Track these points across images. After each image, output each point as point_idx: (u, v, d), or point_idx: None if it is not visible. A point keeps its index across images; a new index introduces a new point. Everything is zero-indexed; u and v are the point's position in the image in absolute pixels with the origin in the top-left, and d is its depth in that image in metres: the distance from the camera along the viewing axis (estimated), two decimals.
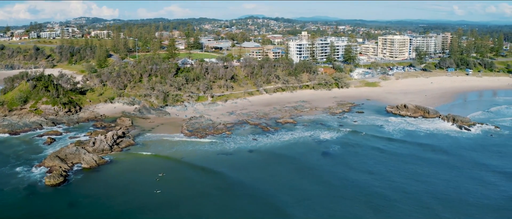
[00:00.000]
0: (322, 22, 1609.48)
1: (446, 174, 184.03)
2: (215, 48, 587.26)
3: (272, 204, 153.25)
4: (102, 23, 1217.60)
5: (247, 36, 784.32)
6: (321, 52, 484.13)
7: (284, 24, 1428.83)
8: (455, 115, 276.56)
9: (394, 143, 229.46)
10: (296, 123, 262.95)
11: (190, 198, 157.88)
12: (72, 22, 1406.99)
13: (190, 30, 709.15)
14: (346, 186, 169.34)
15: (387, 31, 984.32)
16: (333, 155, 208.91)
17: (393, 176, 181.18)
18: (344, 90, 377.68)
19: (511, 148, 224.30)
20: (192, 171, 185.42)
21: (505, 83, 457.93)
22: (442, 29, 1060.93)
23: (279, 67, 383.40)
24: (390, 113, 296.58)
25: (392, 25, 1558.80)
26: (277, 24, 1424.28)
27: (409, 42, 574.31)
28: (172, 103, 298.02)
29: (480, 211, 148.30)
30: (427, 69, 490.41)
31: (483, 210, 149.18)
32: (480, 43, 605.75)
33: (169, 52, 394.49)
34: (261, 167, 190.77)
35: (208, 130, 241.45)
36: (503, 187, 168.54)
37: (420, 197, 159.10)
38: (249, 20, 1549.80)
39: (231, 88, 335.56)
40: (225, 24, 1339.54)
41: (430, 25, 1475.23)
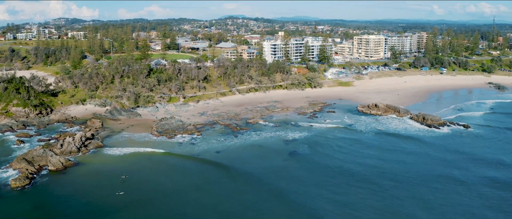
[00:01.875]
0: (302, 22, 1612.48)
1: (406, 171, 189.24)
2: (192, 48, 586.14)
3: (238, 201, 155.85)
4: (81, 24, 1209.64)
5: (224, 36, 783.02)
6: (295, 52, 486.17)
7: (263, 24, 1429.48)
8: (425, 114, 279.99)
9: (361, 143, 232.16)
10: (266, 123, 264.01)
11: (154, 199, 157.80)
12: (51, 23, 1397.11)
13: (167, 30, 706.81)
14: (308, 187, 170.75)
15: (366, 31, 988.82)
16: (300, 155, 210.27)
17: (357, 175, 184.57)
18: (317, 90, 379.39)
19: (474, 147, 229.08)
20: (158, 172, 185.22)
21: (479, 81, 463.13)
22: (421, 28, 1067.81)
23: (253, 67, 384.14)
24: (361, 113, 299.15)
25: (372, 25, 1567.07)
26: (256, 24, 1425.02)
27: (385, 42, 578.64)
28: (143, 104, 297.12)
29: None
30: (402, 68, 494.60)
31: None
32: (456, 42, 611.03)
33: (142, 53, 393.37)
34: (226, 167, 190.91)
35: (177, 131, 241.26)
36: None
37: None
38: (228, 20, 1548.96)
39: (203, 88, 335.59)
40: (205, 25, 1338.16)
41: (409, 25, 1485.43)
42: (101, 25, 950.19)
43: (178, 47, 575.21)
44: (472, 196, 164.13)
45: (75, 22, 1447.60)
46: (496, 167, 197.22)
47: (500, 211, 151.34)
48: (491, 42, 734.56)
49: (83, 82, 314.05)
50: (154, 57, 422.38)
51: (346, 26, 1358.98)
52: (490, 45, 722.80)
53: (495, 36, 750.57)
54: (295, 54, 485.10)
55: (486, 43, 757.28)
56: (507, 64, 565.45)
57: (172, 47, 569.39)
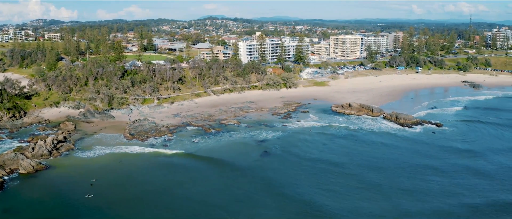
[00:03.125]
0: (282, 22, 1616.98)
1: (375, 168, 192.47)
2: (169, 49, 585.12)
3: (206, 203, 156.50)
4: (59, 25, 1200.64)
5: (202, 37, 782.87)
6: (272, 53, 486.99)
7: (243, 24, 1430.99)
8: (398, 113, 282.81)
9: (334, 142, 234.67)
10: (239, 124, 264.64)
11: (123, 201, 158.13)
12: (29, 24, 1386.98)
13: (144, 31, 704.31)
14: (277, 187, 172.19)
15: (344, 31, 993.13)
16: (271, 155, 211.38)
17: (323, 174, 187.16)
18: (292, 90, 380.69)
19: (445, 141, 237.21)
20: (128, 174, 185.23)
21: (454, 80, 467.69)
22: (399, 28, 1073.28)
23: (228, 68, 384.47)
24: (335, 112, 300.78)
25: (351, 25, 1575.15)
26: (235, 24, 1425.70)
27: (361, 41, 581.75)
28: (117, 106, 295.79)
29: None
30: (377, 67, 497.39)
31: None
32: (432, 41, 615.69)
33: (116, 54, 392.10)
34: (197, 169, 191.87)
35: (150, 133, 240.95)
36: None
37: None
38: (208, 20, 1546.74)
39: (178, 90, 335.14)
40: (184, 25, 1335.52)
41: (388, 24, 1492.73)
42: (78, 27, 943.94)
43: (155, 48, 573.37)
44: (443, 179, 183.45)
45: (53, 23, 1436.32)
46: (467, 157, 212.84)
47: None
48: (467, 41, 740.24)
49: (57, 84, 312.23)
50: (130, 59, 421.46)
51: (326, 26, 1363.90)
52: (466, 44, 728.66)
53: (471, 35, 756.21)
54: (271, 55, 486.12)
55: (462, 42, 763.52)
56: (482, 62, 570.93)
57: (149, 48, 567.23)
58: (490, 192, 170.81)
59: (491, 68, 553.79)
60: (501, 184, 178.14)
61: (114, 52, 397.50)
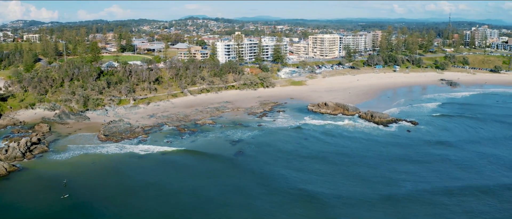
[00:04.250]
0: (263, 22, 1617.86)
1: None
2: (148, 50, 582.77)
3: (178, 203, 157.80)
4: (40, 26, 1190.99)
5: (181, 37, 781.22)
6: (250, 52, 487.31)
7: (224, 24, 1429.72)
8: (373, 112, 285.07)
9: (307, 140, 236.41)
10: (215, 124, 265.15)
11: (97, 202, 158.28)
12: (8, 25, 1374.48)
13: (124, 32, 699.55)
14: (251, 187, 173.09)
15: (324, 30, 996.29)
16: (245, 155, 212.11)
17: (297, 174, 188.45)
18: (270, 89, 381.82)
19: (416, 139, 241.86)
20: (102, 175, 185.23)
21: (431, 78, 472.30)
22: (380, 27, 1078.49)
23: (205, 68, 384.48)
24: (311, 111, 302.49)
25: (332, 24, 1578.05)
26: (217, 24, 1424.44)
27: (339, 41, 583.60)
28: (92, 107, 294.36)
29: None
30: (355, 66, 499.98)
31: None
32: (410, 40, 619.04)
33: (92, 55, 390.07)
34: (170, 169, 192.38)
35: (124, 134, 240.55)
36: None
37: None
38: (189, 20, 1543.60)
39: (154, 90, 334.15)
40: (165, 25, 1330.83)
41: (369, 24, 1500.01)
42: (58, 27, 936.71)
43: (134, 48, 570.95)
44: (417, 166, 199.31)
45: (33, 24, 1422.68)
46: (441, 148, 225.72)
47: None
48: (446, 39, 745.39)
49: (33, 86, 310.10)
50: (107, 59, 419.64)
51: (307, 26, 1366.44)
52: (445, 42, 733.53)
53: (450, 34, 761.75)
54: (250, 54, 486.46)
55: (441, 40, 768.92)
56: (460, 60, 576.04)
57: (127, 49, 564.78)
58: (461, 178, 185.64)
59: (468, 66, 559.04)
60: (475, 172, 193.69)
61: (90, 53, 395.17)
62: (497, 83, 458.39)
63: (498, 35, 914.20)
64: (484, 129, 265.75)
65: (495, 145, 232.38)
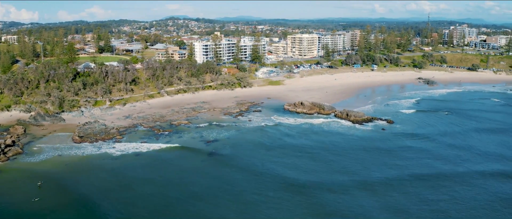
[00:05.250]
0: (244, 22, 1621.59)
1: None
2: (126, 50, 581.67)
3: (145, 207, 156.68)
4: (19, 27, 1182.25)
5: (160, 37, 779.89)
6: (228, 52, 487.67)
7: (204, 24, 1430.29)
8: (349, 111, 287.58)
9: (281, 140, 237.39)
10: (190, 124, 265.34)
11: (69, 204, 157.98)
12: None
13: (103, 32, 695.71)
14: (220, 189, 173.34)
15: (305, 30, 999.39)
16: (219, 154, 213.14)
17: (274, 166, 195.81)
18: (247, 89, 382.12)
19: (392, 133, 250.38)
20: (75, 177, 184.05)
21: (409, 77, 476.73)
22: (361, 26, 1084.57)
23: (182, 68, 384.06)
24: (287, 111, 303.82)
25: (313, 24, 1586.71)
26: (197, 24, 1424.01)
27: (318, 40, 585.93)
28: (68, 109, 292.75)
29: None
30: (333, 66, 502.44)
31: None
32: (388, 39, 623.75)
33: (68, 56, 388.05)
34: (142, 171, 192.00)
35: (99, 135, 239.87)
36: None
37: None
38: (169, 21, 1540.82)
39: (131, 91, 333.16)
40: (145, 26, 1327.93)
41: (350, 23, 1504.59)
42: (37, 28, 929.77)
43: (113, 49, 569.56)
44: (389, 157, 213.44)
45: (13, 25, 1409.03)
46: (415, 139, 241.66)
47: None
48: (424, 38, 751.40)
49: (8, 88, 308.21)
50: (84, 60, 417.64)
51: (288, 26, 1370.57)
52: (423, 41, 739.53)
53: (428, 33, 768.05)
54: (228, 54, 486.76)
55: (419, 39, 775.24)
56: (438, 59, 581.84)
57: (106, 50, 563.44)
58: (434, 166, 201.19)
59: (446, 64, 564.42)
60: (447, 161, 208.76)
61: (66, 54, 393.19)
62: (474, 81, 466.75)
63: (477, 34, 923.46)
64: (458, 125, 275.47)
65: (468, 138, 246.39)
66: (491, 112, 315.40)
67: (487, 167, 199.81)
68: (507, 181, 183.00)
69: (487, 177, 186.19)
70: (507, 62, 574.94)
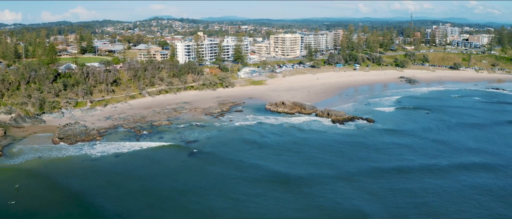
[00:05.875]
0: (228, 22, 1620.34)
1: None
2: (109, 51, 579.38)
3: (127, 208, 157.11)
4: (2, 28, 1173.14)
5: (143, 38, 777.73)
6: (210, 53, 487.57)
7: (188, 24, 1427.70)
8: (330, 110, 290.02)
9: (262, 140, 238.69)
10: (171, 125, 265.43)
11: (47, 207, 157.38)
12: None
13: (85, 33, 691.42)
14: (198, 192, 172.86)
15: (289, 30, 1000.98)
16: (198, 156, 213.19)
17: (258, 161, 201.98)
18: (229, 89, 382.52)
19: (367, 135, 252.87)
20: (53, 179, 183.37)
21: (391, 76, 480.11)
22: (344, 26, 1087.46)
23: (164, 69, 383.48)
24: (269, 111, 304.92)
25: (298, 24, 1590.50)
26: (181, 25, 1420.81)
27: (301, 40, 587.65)
28: (49, 110, 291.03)
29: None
30: (316, 65, 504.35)
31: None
32: (371, 39, 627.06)
33: (49, 57, 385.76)
34: (122, 172, 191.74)
35: (79, 137, 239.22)
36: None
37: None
38: (153, 21, 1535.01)
39: (112, 92, 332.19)
40: (129, 26, 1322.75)
41: (334, 23, 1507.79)
42: (20, 29, 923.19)
43: (95, 50, 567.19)
44: (372, 152, 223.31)
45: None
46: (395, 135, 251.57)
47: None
48: (407, 37, 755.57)
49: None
50: (66, 61, 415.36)
51: (272, 26, 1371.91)
52: (406, 40, 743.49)
53: (411, 32, 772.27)
54: (210, 55, 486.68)
55: (402, 38, 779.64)
56: (420, 58, 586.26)
57: (88, 50, 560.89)
58: (413, 159, 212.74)
59: (428, 63, 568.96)
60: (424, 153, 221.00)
61: (48, 55, 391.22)
62: (456, 80, 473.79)
63: (459, 33, 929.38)
64: (439, 122, 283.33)
65: (448, 134, 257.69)
66: (472, 109, 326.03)
67: (464, 159, 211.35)
68: (482, 171, 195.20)
69: (463, 169, 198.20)
70: (489, 61, 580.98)
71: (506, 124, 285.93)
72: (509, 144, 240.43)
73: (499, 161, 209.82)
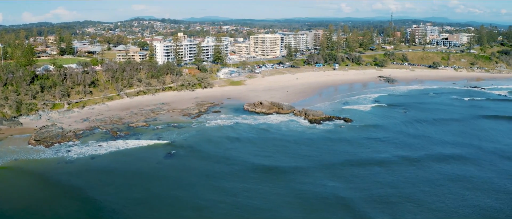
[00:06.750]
0: (210, 23, 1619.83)
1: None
2: (88, 52, 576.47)
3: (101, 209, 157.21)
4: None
5: (123, 39, 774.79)
6: (189, 53, 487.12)
7: (170, 25, 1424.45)
8: (308, 110, 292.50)
9: (236, 142, 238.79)
10: (148, 126, 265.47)
11: (22, 209, 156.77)
12: None
13: (66, 34, 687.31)
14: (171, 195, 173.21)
15: (270, 30, 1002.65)
16: (174, 156, 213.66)
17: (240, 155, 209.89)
18: (208, 90, 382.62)
19: (345, 131, 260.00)
20: (28, 181, 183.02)
21: (370, 75, 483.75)
22: (326, 26, 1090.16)
23: (142, 70, 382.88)
24: (247, 111, 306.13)
25: (279, 24, 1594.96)
26: (163, 25, 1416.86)
27: (281, 40, 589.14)
28: (26, 112, 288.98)
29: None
30: (296, 65, 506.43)
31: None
32: (351, 39, 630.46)
33: (26, 59, 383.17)
34: (97, 174, 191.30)
35: (55, 139, 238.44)
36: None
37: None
38: (134, 22, 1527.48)
39: (90, 93, 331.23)
40: (110, 27, 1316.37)
41: (316, 23, 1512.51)
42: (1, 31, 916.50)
43: (74, 51, 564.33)
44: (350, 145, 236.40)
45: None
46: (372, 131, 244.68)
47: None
48: (387, 37, 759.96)
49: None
50: (44, 63, 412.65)
51: (254, 26, 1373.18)
52: (385, 40, 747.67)
53: (391, 32, 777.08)
54: (190, 55, 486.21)
55: (381, 37, 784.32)
56: (400, 57, 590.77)
57: (68, 52, 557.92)
58: (387, 151, 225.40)
59: (407, 63, 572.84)
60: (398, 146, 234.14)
61: (25, 57, 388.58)
62: (434, 79, 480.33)
63: (439, 32, 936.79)
64: (416, 119, 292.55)
65: (424, 129, 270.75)
66: (449, 106, 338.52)
67: (438, 151, 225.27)
68: (453, 162, 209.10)
69: (437, 160, 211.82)
70: (467, 60, 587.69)
71: (480, 118, 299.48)
72: (481, 137, 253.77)
73: (472, 152, 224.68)
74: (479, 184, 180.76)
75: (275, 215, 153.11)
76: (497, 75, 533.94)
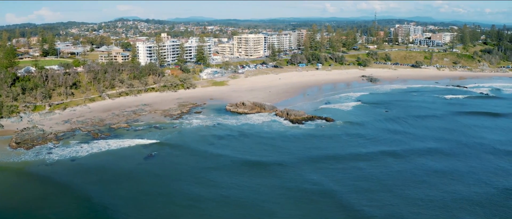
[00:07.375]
0: (195, 23, 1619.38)
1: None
2: (71, 53, 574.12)
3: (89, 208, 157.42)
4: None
5: (106, 39, 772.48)
6: (172, 54, 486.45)
7: (154, 25, 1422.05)
8: (290, 110, 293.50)
9: (219, 140, 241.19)
10: (129, 128, 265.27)
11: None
12: None
13: (50, 35, 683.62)
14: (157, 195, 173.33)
15: (255, 30, 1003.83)
16: (155, 158, 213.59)
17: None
18: (190, 90, 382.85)
19: (327, 130, 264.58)
20: (7, 184, 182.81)
21: (353, 75, 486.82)
22: (310, 26, 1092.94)
23: (125, 71, 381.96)
24: (229, 111, 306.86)
25: (264, 24, 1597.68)
26: (147, 25, 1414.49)
27: (264, 40, 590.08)
28: (7, 114, 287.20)
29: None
30: (279, 65, 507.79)
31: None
32: (334, 38, 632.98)
33: (8, 60, 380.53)
34: (79, 175, 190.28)
35: (36, 141, 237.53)
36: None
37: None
38: (118, 22, 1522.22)
39: (71, 95, 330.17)
40: (94, 28, 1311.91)
41: (301, 23, 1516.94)
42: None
43: (57, 52, 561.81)
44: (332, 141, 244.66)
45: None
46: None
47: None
48: (370, 36, 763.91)
49: None
50: (26, 64, 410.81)
51: (239, 26, 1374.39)
52: (369, 39, 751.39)
53: (374, 31, 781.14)
54: (172, 56, 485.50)
55: (365, 37, 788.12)
56: (383, 57, 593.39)
57: (51, 53, 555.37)
58: (369, 146, 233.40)
59: (390, 62, 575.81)
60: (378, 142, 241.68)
61: (6, 58, 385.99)
62: (417, 78, 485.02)
63: (423, 31, 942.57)
64: (397, 117, 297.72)
65: (405, 126, 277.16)
66: (430, 103, 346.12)
67: (417, 146, 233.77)
68: (436, 156, 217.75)
69: (417, 153, 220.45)
70: (450, 59, 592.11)
71: (461, 115, 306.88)
72: (463, 133, 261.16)
73: (453, 147, 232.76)
74: (461, 176, 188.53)
75: (264, 207, 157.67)
76: (479, 74, 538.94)
